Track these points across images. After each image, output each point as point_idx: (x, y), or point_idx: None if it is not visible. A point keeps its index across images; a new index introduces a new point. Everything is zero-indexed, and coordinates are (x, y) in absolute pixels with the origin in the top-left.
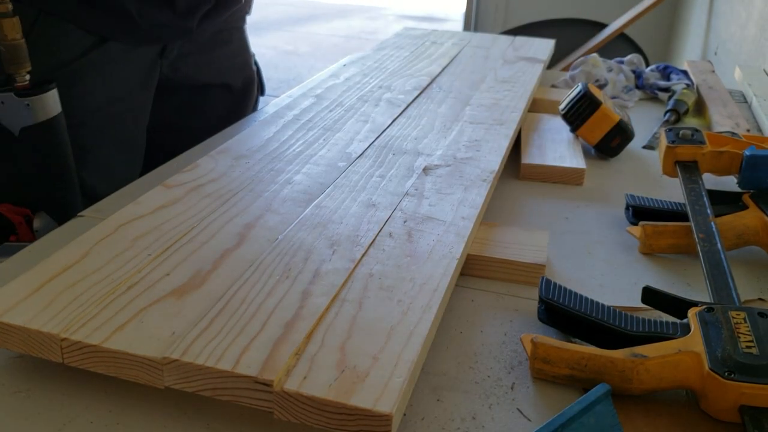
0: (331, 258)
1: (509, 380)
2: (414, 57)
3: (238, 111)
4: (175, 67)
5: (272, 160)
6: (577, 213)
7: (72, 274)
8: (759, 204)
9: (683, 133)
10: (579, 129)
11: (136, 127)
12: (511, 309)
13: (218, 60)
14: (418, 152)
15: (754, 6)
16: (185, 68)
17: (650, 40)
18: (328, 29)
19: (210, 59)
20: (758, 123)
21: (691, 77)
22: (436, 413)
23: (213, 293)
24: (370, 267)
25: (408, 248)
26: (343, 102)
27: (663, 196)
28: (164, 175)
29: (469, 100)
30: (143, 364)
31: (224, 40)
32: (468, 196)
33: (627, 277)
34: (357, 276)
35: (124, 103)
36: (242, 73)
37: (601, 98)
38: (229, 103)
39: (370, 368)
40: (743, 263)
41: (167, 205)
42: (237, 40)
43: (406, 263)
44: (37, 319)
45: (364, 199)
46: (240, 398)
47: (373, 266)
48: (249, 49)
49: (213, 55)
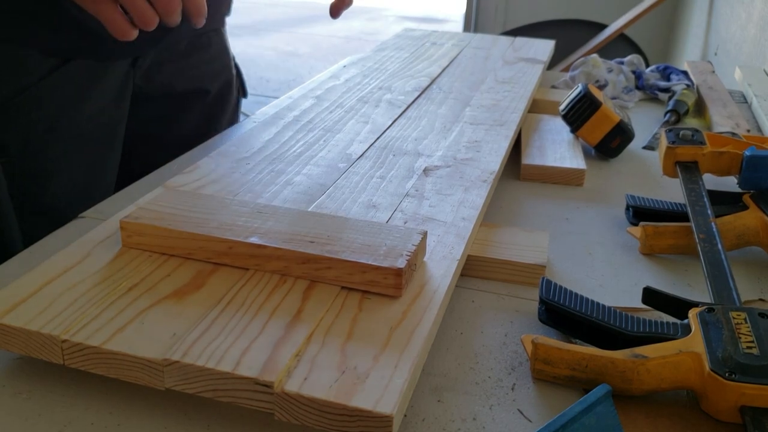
0: None
1: (510, 381)
2: (414, 58)
3: (215, 117)
4: (149, 76)
5: (272, 161)
6: (577, 214)
7: (73, 276)
8: (759, 204)
9: (683, 133)
10: (579, 130)
11: (107, 143)
12: (511, 310)
13: (195, 66)
14: (418, 153)
15: (754, 6)
16: (160, 77)
17: (650, 40)
18: (328, 30)
19: (186, 66)
20: (758, 123)
21: (691, 78)
22: (436, 414)
23: (214, 294)
24: None
25: None
26: (343, 103)
27: (663, 196)
28: (165, 176)
29: (469, 101)
30: (144, 365)
31: (202, 45)
32: (468, 197)
33: (627, 277)
34: None
35: (95, 121)
36: (220, 77)
37: (602, 99)
38: (206, 110)
39: (370, 369)
40: (744, 263)
41: None
42: (216, 44)
43: None
44: (38, 321)
45: (364, 200)
46: (240, 399)
47: None
48: (229, 52)
49: (190, 62)
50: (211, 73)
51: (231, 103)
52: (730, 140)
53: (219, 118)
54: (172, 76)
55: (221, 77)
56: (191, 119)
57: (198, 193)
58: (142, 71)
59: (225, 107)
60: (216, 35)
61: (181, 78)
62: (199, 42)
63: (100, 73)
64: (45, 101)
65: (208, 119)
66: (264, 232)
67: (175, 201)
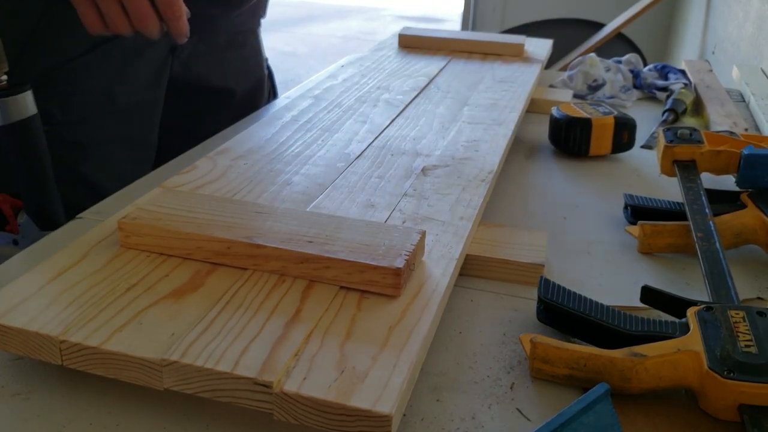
0: None
1: (509, 380)
2: (412, 57)
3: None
4: (187, 66)
5: (271, 161)
6: (575, 213)
7: (71, 276)
8: (757, 203)
9: (681, 132)
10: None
11: (143, 124)
12: (510, 309)
13: (231, 63)
14: (416, 153)
15: (752, 5)
16: (197, 68)
17: (648, 39)
18: (326, 30)
19: (222, 61)
20: (756, 122)
21: (689, 77)
22: (435, 413)
23: (212, 294)
24: None
25: None
26: (341, 103)
27: (661, 195)
28: (163, 176)
29: (467, 101)
30: (142, 365)
31: (239, 43)
32: (466, 196)
33: (625, 276)
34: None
35: (130, 100)
36: (253, 76)
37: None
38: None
39: (369, 369)
40: (742, 262)
41: None
42: (251, 44)
43: None
44: (36, 321)
45: (362, 199)
46: (239, 399)
47: None
48: (262, 54)
49: (226, 57)
50: (246, 71)
51: (262, 102)
52: (728, 139)
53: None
54: (209, 68)
55: (254, 76)
56: (223, 115)
57: (196, 193)
58: (181, 60)
59: (256, 105)
60: (251, 35)
61: (218, 71)
62: (235, 40)
63: (142, 53)
64: (88, 74)
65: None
66: (262, 232)
67: (173, 201)
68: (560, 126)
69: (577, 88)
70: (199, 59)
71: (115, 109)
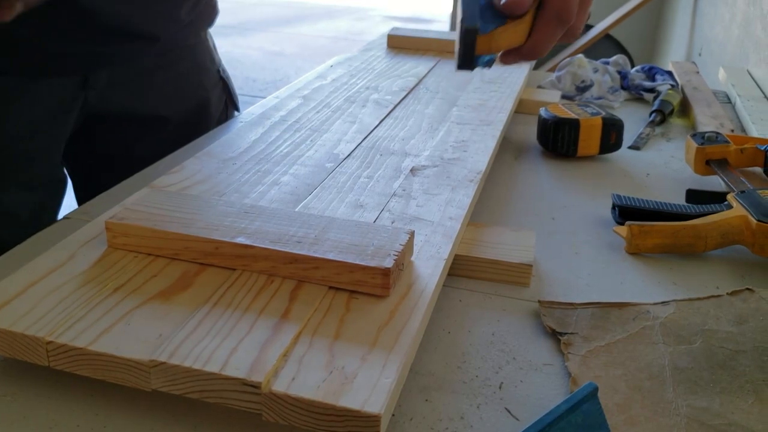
0: None
1: (497, 380)
2: (401, 58)
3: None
4: (105, 96)
5: (259, 161)
6: (563, 213)
7: (57, 277)
8: (743, 204)
9: (708, 135)
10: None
11: (50, 163)
12: (498, 309)
13: (161, 86)
14: (405, 153)
15: (738, 7)
16: (117, 97)
17: (635, 41)
18: (315, 30)
19: (150, 85)
20: (742, 123)
21: (676, 78)
22: (424, 413)
23: (200, 295)
24: None
25: None
26: (330, 103)
27: (649, 196)
28: (150, 177)
29: (456, 101)
30: (130, 366)
31: (170, 62)
32: (455, 196)
33: (613, 276)
34: None
35: (30, 142)
36: (193, 98)
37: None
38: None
39: (358, 369)
40: (728, 262)
41: None
42: (188, 59)
43: None
44: (22, 322)
45: (351, 199)
46: (228, 400)
47: None
48: (208, 65)
49: (154, 81)
50: (181, 93)
51: (210, 122)
52: (748, 138)
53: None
54: (132, 95)
55: (194, 97)
56: (158, 143)
57: (184, 193)
58: (97, 91)
59: (201, 128)
60: (187, 50)
61: (143, 98)
62: (165, 59)
63: (38, 90)
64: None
65: (177, 144)
66: (251, 233)
67: (161, 201)
68: (548, 126)
69: (565, 89)
70: (118, 87)
71: (10, 154)
